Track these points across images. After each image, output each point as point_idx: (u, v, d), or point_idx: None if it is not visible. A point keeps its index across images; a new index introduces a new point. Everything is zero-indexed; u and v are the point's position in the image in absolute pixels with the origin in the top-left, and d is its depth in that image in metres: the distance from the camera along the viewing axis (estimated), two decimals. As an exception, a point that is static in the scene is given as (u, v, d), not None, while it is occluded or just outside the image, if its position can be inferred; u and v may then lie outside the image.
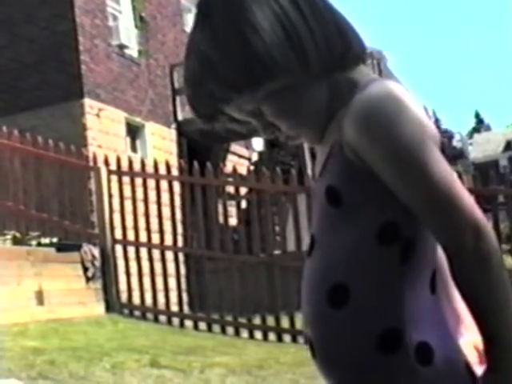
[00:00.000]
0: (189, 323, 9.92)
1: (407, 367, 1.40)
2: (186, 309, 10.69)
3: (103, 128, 15.02)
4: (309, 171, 14.47)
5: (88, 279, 9.50)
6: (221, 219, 10.62)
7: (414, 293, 1.42)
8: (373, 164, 1.41)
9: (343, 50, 1.47)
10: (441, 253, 1.45)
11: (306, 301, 1.51)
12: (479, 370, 1.42)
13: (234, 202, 12.56)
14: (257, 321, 9.64)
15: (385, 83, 1.45)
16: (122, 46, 16.06)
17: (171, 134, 17.22)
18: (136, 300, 10.11)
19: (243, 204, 13.36)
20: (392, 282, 1.42)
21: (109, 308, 9.68)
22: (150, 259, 10.11)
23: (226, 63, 1.44)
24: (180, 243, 10.79)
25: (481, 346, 1.41)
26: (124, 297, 10.07)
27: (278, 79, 1.45)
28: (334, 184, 1.46)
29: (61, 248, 9.39)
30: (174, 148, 17.10)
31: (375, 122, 1.39)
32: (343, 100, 1.47)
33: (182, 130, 17.29)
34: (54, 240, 9.74)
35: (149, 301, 10.06)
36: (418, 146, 1.38)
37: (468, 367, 1.43)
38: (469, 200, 1.39)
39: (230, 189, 11.35)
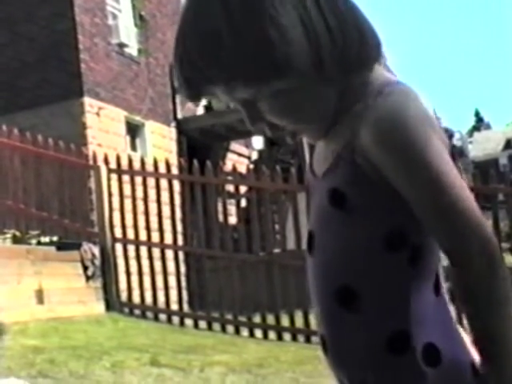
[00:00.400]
0: (189, 322, 9.92)
1: (415, 368, 1.41)
2: (185, 307, 10.69)
3: (103, 127, 15.01)
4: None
5: (88, 278, 9.50)
6: (220, 218, 10.62)
7: (420, 296, 1.43)
8: (389, 175, 1.39)
9: (360, 53, 1.43)
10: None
11: (316, 300, 1.51)
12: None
13: (233, 201, 12.57)
14: (257, 319, 9.65)
15: (404, 90, 1.42)
16: (121, 45, 16.06)
17: (171, 132, 17.21)
18: (136, 299, 10.11)
19: (243, 202, 13.36)
20: (399, 286, 1.42)
21: (109, 307, 9.69)
22: (150, 258, 10.11)
23: (238, 52, 1.38)
24: (180, 242, 10.79)
25: None
26: (124, 295, 10.07)
27: (288, 79, 1.40)
28: (339, 187, 1.44)
29: (61, 247, 9.39)
30: (173, 146, 17.10)
31: (397, 135, 1.37)
32: (355, 99, 1.44)
33: (181, 128, 17.30)
34: (54, 239, 9.74)
35: (149, 299, 10.07)
36: (440, 165, 1.37)
37: (473, 367, 1.43)
38: (478, 212, 1.38)
39: (230, 187, 11.35)
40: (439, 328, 1.44)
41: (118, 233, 10.20)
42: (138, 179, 10.35)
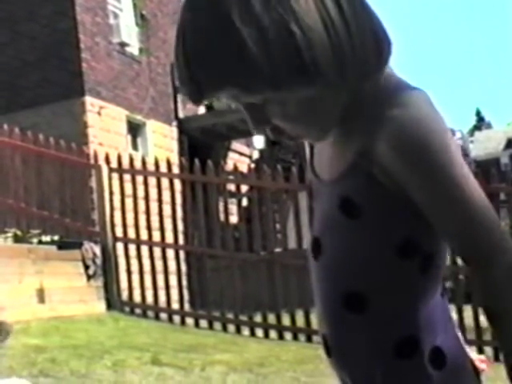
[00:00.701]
0: (190, 321, 9.93)
1: (422, 372, 1.41)
2: (186, 306, 10.70)
3: (104, 126, 15.02)
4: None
5: (89, 277, 9.50)
6: (222, 217, 10.62)
7: (429, 300, 1.43)
8: (407, 184, 1.37)
9: (376, 58, 1.39)
10: None
11: (321, 303, 1.49)
12: (482, 366, 1.46)
13: (234, 200, 12.57)
14: (258, 318, 9.65)
15: (420, 96, 1.38)
16: (122, 44, 16.07)
17: (172, 131, 17.22)
18: (137, 298, 10.11)
19: (244, 202, 13.37)
20: (409, 292, 1.43)
21: (110, 306, 9.69)
22: (151, 257, 10.11)
23: (262, 56, 1.30)
24: (181, 241, 10.80)
25: None
26: (125, 294, 10.07)
27: (315, 86, 1.35)
28: (352, 195, 1.41)
29: (62, 246, 9.40)
30: (174, 146, 17.10)
31: (417, 146, 1.35)
32: (366, 101, 1.41)
33: (182, 127, 17.30)
34: (55, 238, 9.74)
35: (150, 298, 10.07)
36: (459, 173, 1.36)
37: (474, 366, 1.45)
38: (497, 218, 1.40)
39: (231, 186, 11.35)
40: (444, 329, 1.44)
41: (119, 232, 10.20)
42: (139, 178, 10.35)
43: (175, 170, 10.92)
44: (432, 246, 1.43)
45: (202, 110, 17.77)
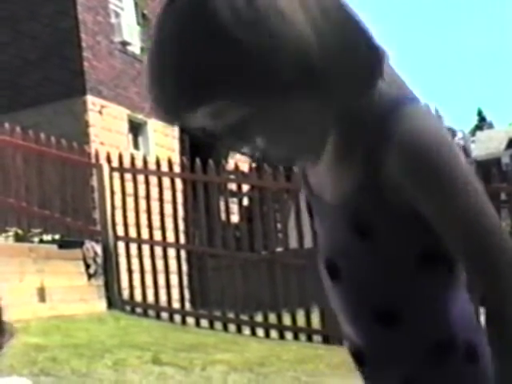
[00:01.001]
0: (191, 320, 9.93)
1: (460, 370, 1.42)
2: (187, 306, 10.70)
3: (105, 125, 15.03)
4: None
5: (90, 276, 9.51)
6: (223, 216, 10.63)
7: (459, 299, 1.44)
8: (415, 198, 1.36)
9: (370, 71, 1.34)
10: None
11: (351, 321, 1.48)
12: None
13: (235, 199, 12.57)
14: (259, 318, 9.65)
15: (421, 110, 1.37)
16: (124, 43, 16.08)
17: (173, 131, 17.22)
18: (138, 297, 10.12)
19: (245, 201, 13.36)
20: (439, 298, 1.42)
21: (111, 305, 9.69)
22: (152, 256, 10.12)
23: (270, 63, 1.25)
24: (182, 240, 10.80)
25: None
26: (126, 294, 10.08)
27: (317, 91, 1.30)
28: (364, 216, 1.39)
29: (63, 245, 9.40)
30: (176, 145, 17.11)
31: (428, 162, 1.33)
32: (363, 115, 1.37)
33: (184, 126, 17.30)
34: (56, 237, 9.74)
35: (151, 298, 10.08)
36: (467, 185, 1.36)
37: None
38: (504, 231, 1.39)
39: (232, 186, 11.35)
40: (473, 324, 1.45)
41: (120, 231, 10.20)
42: (141, 177, 10.35)
43: (176, 169, 10.93)
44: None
45: (203, 109, 17.77)
